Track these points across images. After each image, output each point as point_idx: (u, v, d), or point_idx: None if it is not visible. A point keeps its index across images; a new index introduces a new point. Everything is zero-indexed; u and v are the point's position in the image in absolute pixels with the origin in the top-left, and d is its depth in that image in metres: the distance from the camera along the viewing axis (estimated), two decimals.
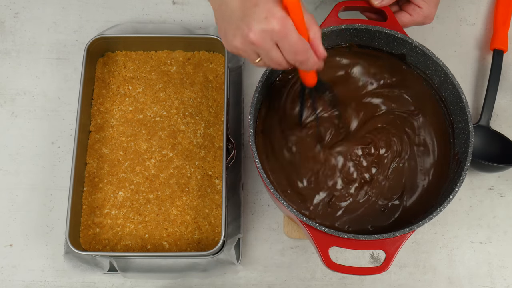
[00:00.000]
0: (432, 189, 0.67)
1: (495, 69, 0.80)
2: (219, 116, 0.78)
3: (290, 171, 0.67)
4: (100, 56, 0.81)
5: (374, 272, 0.60)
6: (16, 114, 0.82)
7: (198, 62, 0.81)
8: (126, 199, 0.74)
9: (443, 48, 0.84)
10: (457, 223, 0.77)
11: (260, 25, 0.51)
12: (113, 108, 0.79)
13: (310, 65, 0.55)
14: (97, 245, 0.72)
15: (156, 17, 0.87)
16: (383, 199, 0.67)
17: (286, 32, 0.51)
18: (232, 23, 0.53)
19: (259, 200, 0.78)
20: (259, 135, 0.69)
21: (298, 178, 0.67)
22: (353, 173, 0.68)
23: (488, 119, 0.78)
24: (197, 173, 0.75)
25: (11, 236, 0.76)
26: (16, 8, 0.87)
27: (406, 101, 0.71)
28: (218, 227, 0.73)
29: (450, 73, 0.66)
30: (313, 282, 0.74)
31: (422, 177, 0.68)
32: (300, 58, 0.54)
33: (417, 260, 0.76)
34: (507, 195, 0.78)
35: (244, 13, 0.52)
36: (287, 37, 0.52)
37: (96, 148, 0.77)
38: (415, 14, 0.70)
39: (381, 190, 0.67)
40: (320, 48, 0.55)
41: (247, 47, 0.54)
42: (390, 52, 0.70)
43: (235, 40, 0.54)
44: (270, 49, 0.53)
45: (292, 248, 0.76)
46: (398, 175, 0.68)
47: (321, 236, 0.60)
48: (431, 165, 0.68)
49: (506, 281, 0.75)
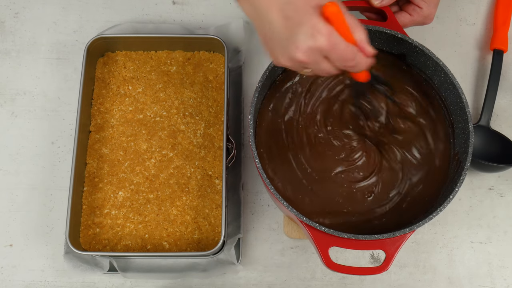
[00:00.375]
0: (432, 189, 0.67)
1: (495, 69, 0.80)
2: (219, 116, 0.78)
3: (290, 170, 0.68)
4: (100, 56, 0.81)
5: (374, 272, 0.60)
6: (16, 114, 0.82)
7: (198, 62, 0.81)
8: (126, 199, 0.74)
9: (443, 48, 0.84)
10: (457, 223, 0.77)
11: (307, 43, 0.51)
12: (113, 108, 0.79)
13: (361, 67, 0.55)
14: (97, 245, 0.72)
15: (156, 17, 0.87)
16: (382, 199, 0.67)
17: (334, 45, 0.51)
18: (278, 42, 0.53)
19: (259, 200, 0.78)
20: (259, 135, 0.69)
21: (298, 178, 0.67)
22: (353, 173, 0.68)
23: (488, 119, 0.78)
24: (197, 173, 0.75)
25: (11, 236, 0.76)
26: (16, 8, 0.87)
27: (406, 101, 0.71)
28: (218, 227, 0.73)
29: (450, 73, 0.66)
30: (313, 282, 0.74)
31: (422, 177, 0.68)
32: (350, 64, 0.54)
33: (417, 260, 0.76)
34: (507, 195, 0.78)
35: (289, 32, 0.51)
36: (335, 49, 0.51)
37: (96, 148, 0.77)
38: (415, 14, 0.70)
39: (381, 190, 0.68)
40: (367, 48, 0.54)
41: (296, 64, 0.54)
42: (390, 52, 0.71)
43: (283, 59, 0.54)
44: (319, 62, 0.53)
45: (292, 248, 0.76)
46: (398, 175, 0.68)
47: (321, 236, 0.60)
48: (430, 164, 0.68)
49: (506, 281, 0.75)
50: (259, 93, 0.65)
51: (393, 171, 0.68)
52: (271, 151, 0.68)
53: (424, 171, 0.68)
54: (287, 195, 0.67)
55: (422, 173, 0.68)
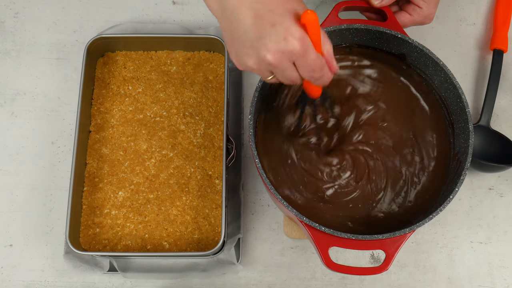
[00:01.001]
0: (432, 189, 0.67)
1: (495, 69, 0.80)
2: (219, 116, 0.78)
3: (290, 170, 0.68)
4: (100, 56, 0.81)
5: (374, 272, 0.60)
6: (16, 114, 0.82)
7: (198, 62, 0.81)
8: (126, 199, 0.74)
9: (443, 48, 0.84)
10: (457, 223, 0.77)
11: (279, 46, 0.49)
12: (113, 108, 0.79)
13: (324, 80, 0.54)
14: (97, 245, 0.72)
15: (156, 17, 0.87)
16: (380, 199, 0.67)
17: (305, 51, 0.50)
18: (245, 42, 0.51)
19: (259, 200, 0.78)
20: (259, 135, 0.69)
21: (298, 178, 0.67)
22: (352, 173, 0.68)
23: (488, 119, 0.78)
24: (197, 173, 0.75)
25: (11, 236, 0.76)
26: (16, 8, 0.87)
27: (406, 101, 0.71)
28: (218, 227, 0.73)
29: (450, 73, 0.66)
30: (313, 282, 0.74)
31: (422, 177, 0.68)
32: (316, 75, 0.52)
33: (417, 260, 0.76)
34: (507, 195, 0.78)
35: (260, 33, 0.49)
36: (306, 56, 0.50)
37: (96, 148, 0.77)
38: (415, 14, 0.70)
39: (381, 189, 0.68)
40: (334, 63, 0.53)
41: (263, 67, 0.52)
42: (390, 52, 0.70)
43: (249, 61, 0.52)
44: (287, 68, 0.51)
45: (292, 248, 0.76)
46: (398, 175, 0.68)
47: (321, 236, 0.60)
48: (431, 165, 0.68)
49: (506, 281, 0.75)
50: (259, 93, 0.65)
51: (393, 171, 0.68)
52: (271, 151, 0.68)
53: (424, 171, 0.68)
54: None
55: (422, 173, 0.68)
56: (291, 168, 0.68)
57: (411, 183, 0.68)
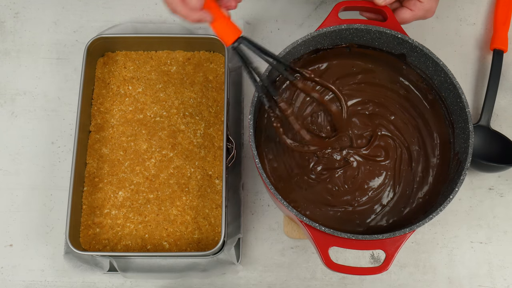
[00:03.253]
0: (432, 189, 0.67)
1: (495, 69, 0.80)
2: (219, 116, 0.78)
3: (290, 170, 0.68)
4: (100, 56, 0.81)
5: (374, 272, 0.60)
6: (16, 114, 0.82)
7: (198, 62, 0.81)
8: (126, 199, 0.74)
9: (443, 48, 0.84)
10: (457, 223, 0.77)
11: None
12: (113, 108, 0.79)
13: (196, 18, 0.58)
14: (97, 245, 0.72)
15: (156, 17, 0.87)
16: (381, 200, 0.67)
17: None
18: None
19: (259, 200, 0.78)
20: (259, 135, 0.69)
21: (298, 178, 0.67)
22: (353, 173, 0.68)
23: (488, 119, 0.78)
24: (197, 173, 0.75)
25: (11, 236, 0.76)
26: (16, 8, 0.87)
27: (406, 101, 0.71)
28: (218, 227, 0.73)
29: (450, 73, 0.66)
30: (313, 282, 0.74)
31: (422, 177, 0.68)
32: (194, 16, 0.58)
33: (417, 260, 0.76)
34: (507, 195, 0.78)
35: None
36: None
37: (96, 148, 0.77)
38: (416, 8, 0.69)
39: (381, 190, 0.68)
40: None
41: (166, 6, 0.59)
42: (390, 52, 0.70)
43: None
44: (176, 3, 0.58)
45: (292, 248, 0.76)
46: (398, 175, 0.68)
47: (321, 236, 0.60)
48: (431, 165, 0.68)
49: (506, 281, 0.75)
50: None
51: (393, 171, 0.68)
52: (271, 151, 0.68)
53: (424, 171, 0.68)
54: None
55: (422, 173, 0.68)
56: (291, 167, 0.68)
57: (411, 183, 0.68)
